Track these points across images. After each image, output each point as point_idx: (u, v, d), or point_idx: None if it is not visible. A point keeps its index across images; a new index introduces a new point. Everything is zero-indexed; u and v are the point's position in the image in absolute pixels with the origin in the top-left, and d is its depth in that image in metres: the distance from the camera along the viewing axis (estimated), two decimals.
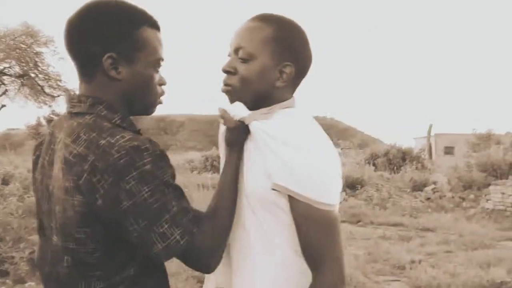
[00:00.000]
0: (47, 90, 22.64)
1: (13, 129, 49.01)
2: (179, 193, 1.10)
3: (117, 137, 1.05)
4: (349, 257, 6.44)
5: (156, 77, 1.20)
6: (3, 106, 22.45)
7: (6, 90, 22.41)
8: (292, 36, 1.22)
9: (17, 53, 20.68)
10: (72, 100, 1.18)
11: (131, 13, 1.16)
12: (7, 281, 4.98)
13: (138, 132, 1.19)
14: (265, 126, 1.20)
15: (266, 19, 1.22)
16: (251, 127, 1.22)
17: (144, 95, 1.19)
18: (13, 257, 5.13)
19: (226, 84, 1.24)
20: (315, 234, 1.16)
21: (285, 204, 1.17)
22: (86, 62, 1.14)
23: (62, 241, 1.12)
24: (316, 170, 1.14)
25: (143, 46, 1.15)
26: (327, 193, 1.16)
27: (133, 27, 1.14)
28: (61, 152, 1.10)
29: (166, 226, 1.05)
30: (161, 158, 1.08)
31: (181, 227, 1.07)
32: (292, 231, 1.19)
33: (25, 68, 21.70)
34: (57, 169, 1.11)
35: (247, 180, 1.22)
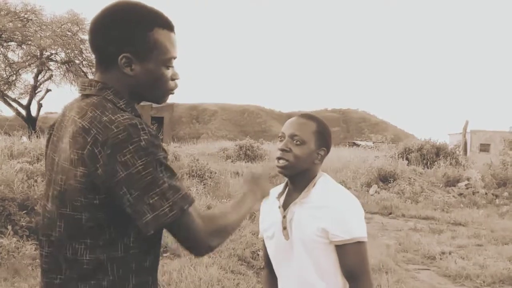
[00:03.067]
0: (90, 76, 23.19)
1: (51, 113, 50.26)
2: (170, 173, 1.18)
3: (118, 115, 1.17)
4: (380, 246, 6.61)
5: (169, 73, 1.31)
6: (49, 90, 23.22)
7: (52, 76, 23.15)
8: (326, 130, 1.78)
9: (63, 40, 21.14)
10: (84, 83, 1.29)
11: (145, 15, 1.26)
12: None
13: (139, 117, 1.28)
14: (311, 201, 1.70)
15: (311, 118, 1.77)
16: (305, 205, 1.70)
17: (153, 90, 1.30)
18: None
19: (282, 159, 1.71)
20: (355, 258, 1.65)
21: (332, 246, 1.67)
22: (103, 58, 1.26)
23: (58, 207, 1.22)
24: (356, 218, 1.66)
25: (155, 46, 1.26)
26: (364, 229, 1.67)
27: (145, 29, 1.25)
28: (70, 128, 1.21)
29: (156, 198, 1.13)
30: (156, 138, 1.18)
31: (171, 201, 1.15)
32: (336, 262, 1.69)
33: (70, 55, 22.30)
34: (65, 142, 1.22)
35: (305, 235, 1.68)
